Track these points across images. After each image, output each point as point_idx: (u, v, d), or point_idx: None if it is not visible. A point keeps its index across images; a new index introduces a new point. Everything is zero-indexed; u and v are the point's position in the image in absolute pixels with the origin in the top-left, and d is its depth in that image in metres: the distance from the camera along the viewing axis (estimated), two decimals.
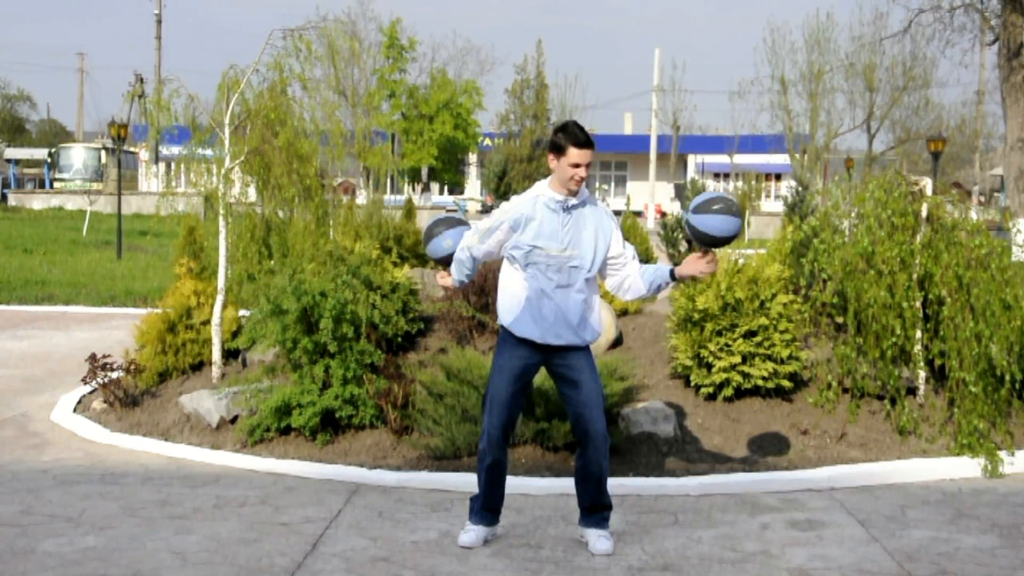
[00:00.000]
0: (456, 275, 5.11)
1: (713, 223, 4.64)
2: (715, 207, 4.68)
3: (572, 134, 4.67)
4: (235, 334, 8.12)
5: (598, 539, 4.86)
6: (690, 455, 6.36)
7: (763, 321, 6.85)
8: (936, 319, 6.67)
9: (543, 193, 4.76)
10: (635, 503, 5.60)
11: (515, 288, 4.77)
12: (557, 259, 4.69)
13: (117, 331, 11.36)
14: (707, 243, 4.71)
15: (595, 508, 4.90)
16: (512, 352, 4.80)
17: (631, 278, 4.84)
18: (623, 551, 4.86)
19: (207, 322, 8.03)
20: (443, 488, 5.85)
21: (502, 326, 4.85)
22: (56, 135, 69.62)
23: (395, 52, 44.17)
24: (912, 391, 6.97)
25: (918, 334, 6.74)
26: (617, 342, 8.22)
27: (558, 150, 4.69)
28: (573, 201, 4.74)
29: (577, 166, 4.65)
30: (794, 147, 35.49)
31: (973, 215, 6.98)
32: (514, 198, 4.88)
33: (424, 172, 47.66)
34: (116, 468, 6.29)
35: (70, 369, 9.19)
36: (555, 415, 6.22)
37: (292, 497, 5.72)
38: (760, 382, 6.86)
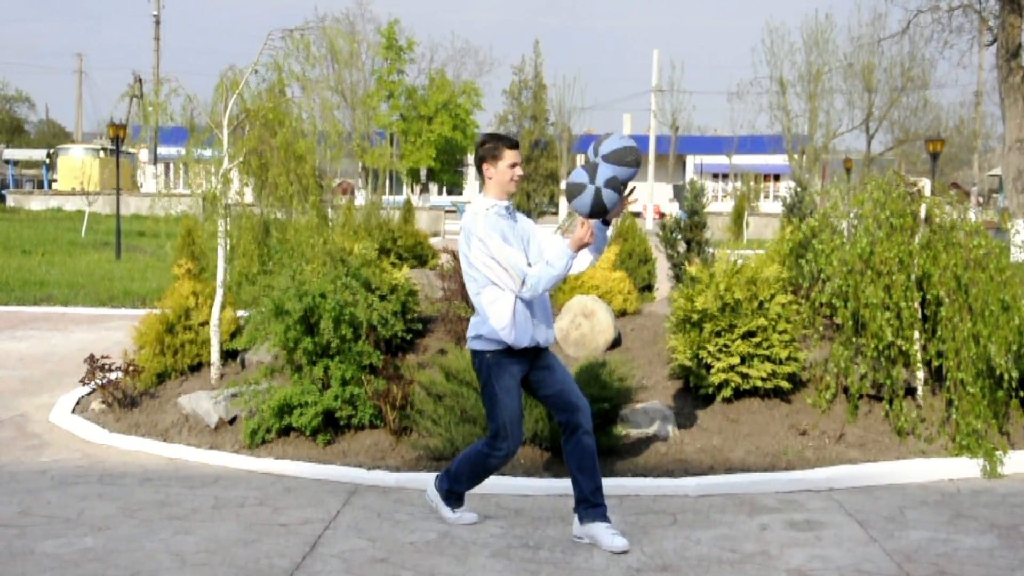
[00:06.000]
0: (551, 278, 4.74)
1: (628, 173, 4.74)
2: (628, 159, 4.74)
3: (503, 137, 4.91)
4: (233, 335, 8.12)
5: (613, 537, 4.84)
6: (689, 456, 6.36)
7: (762, 322, 6.86)
8: (934, 320, 6.68)
9: (489, 205, 4.85)
10: (634, 503, 5.60)
11: (503, 307, 4.79)
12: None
13: (116, 332, 11.36)
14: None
15: (597, 492, 4.88)
16: (510, 371, 4.88)
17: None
18: None
19: (205, 323, 8.03)
20: None
21: (493, 352, 4.84)
22: (55, 136, 69.65)
23: (393, 53, 44.21)
24: (910, 391, 6.97)
25: (916, 334, 6.74)
26: (616, 343, 8.22)
27: (493, 156, 4.84)
28: (510, 205, 4.92)
29: (515, 165, 4.86)
30: (793, 148, 35.53)
31: (971, 216, 6.98)
32: (472, 217, 4.83)
33: (423, 173, 47.65)
34: (114, 469, 6.29)
35: (68, 370, 9.19)
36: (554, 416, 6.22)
37: (291, 498, 5.72)
38: (759, 383, 6.86)
